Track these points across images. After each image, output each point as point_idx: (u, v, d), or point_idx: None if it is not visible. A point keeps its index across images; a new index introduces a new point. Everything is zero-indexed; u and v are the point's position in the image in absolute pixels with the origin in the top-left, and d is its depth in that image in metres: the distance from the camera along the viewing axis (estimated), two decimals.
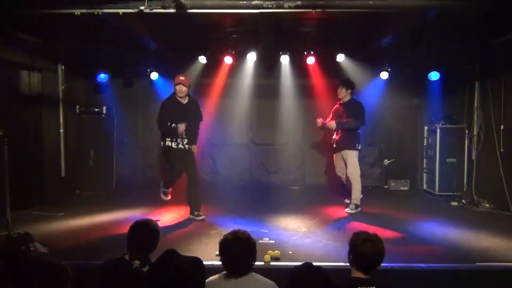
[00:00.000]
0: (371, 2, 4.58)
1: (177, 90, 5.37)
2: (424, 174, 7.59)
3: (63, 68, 6.73)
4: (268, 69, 7.58)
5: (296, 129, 7.96)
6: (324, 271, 2.19)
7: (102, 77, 7.14)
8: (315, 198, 6.71)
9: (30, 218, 5.41)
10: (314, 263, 2.26)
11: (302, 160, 8.08)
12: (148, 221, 2.69)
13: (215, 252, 3.59)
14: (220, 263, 2.36)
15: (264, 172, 8.08)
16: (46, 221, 5.26)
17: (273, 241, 4.43)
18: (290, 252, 4.09)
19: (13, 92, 5.76)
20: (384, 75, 6.97)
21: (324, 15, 5.12)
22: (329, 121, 5.98)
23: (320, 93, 7.56)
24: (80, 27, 5.60)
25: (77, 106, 7.15)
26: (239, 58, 7.12)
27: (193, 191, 5.50)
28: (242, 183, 7.93)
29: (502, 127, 6.05)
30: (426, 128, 7.56)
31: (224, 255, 2.34)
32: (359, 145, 5.93)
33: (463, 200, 6.50)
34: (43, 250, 2.99)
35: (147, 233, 2.60)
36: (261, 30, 5.98)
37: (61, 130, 6.75)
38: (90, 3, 4.65)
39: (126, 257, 2.52)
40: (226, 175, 7.96)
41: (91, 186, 7.16)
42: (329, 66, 7.16)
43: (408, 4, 4.72)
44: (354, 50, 6.95)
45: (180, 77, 5.38)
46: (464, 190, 6.91)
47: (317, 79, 7.46)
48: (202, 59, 6.95)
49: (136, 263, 2.48)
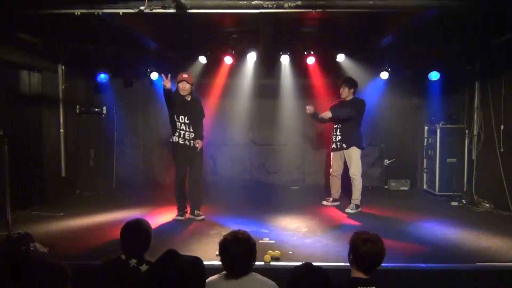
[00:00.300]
0: (371, 2, 4.58)
1: (180, 88, 5.20)
2: (424, 174, 7.58)
3: (63, 68, 6.73)
4: (268, 69, 7.57)
5: (296, 129, 7.96)
6: (324, 271, 2.20)
7: (102, 77, 7.14)
8: (315, 198, 6.70)
9: (30, 218, 5.41)
10: (314, 263, 2.27)
11: (302, 160, 8.08)
12: (139, 221, 2.68)
13: (215, 252, 3.59)
14: (220, 263, 2.36)
15: (264, 172, 8.08)
16: (46, 221, 5.26)
17: (273, 241, 4.43)
18: (290, 252, 4.09)
19: (13, 92, 5.75)
20: (384, 75, 6.96)
21: (324, 15, 5.13)
22: (325, 112, 5.95)
23: (320, 93, 7.55)
24: (80, 27, 5.60)
25: (77, 106, 7.15)
26: (239, 58, 7.11)
27: (194, 190, 5.48)
28: (242, 183, 7.93)
29: (502, 127, 6.05)
30: (426, 128, 7.55)
31: (224, 256, 2.35)
32: (364, 144, 6.02)
33: (463, 200, 6.49)
34: (43, 250, 2.99)
35: (139, 233, 2.59)
36: (261, 30, 5.98)
37: (61, 130, 6.75)
38: (90, 3, 4.65)
39: (123, 257, 2.52)
40: (226, 175, 7.96)
41: (91, 186, 7.16)
42: (329, 66, 7.15)
43: (408, 4, 4.72)
44: (354, 50, 6.95)
45: (184, 75, 5.23)
46: (464, 190, 6.91)
47: (317, 79, 7.45)
48: (202, 59, 6.95)
49: (133, 262, 2.49)
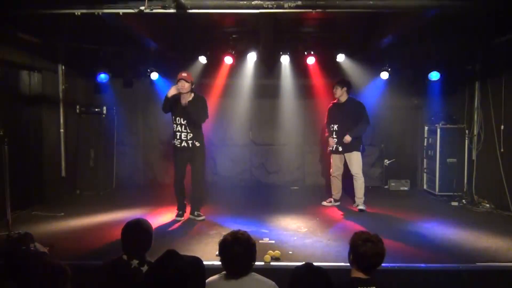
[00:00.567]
0: (371, 2, 4.58)
1: (179, 87, 5.16)
2: (425, 174, 7.58)
3: (63, 68, 6.72)
4: (268, 69, 7.58)
5: (296, 129, 7.95)
6: (325, 271, 2.20)
7: (102, 77, 7.14)
8: (315, 198, 6.70)
9: (30, 218, 5.40)
10: (315, 263, 2.27)
11: (302, 160, 8.08)
12: (139, 221, 2.67)
13: (215, 252, 3.59)
14: (220, 263, 2.36)
15: (264, 172, 8.07)
16: (46, 221, 5.26)
17: (273, 241, 4.43)
18: (290, 252, 4.09)
19: (13, 92, 5.75)
20: (384, 75, 6.96)
21: (324, 15, 5.13)
22: (345, 137, 5.86)
23: (320, 93, 7.55)
24: (80, 27, 5.61)
25: (77, 106, 7.14)
26: (239, 58, 7.11)
27: (196, 191, 5.47)
28: (242, 183, 7.93)
29: (503, 127, 6.04)
30: (426, 128, 7.55)
31: (224, 256, 2.34)
32: (363, 146, 6.02)
33: (464, 200, 6.49)
34: (43, 250, 2.99)
35: (140, 233, 2.59)
36: (261, 30, 5.98)
37: (61, 130, 6.75)
38: (90, 3, 4.65)
39: (124, 257, 2.52)
40: (226, 175, 7.96)
41: (91, 186, 7.16)
42: (329, 66, 7.15)
43: (408, 4, 4.72)
44: (354, 50, 6.95)
45: (182, 73, 5.20)
46: (465, 190, 6.90)
47: (317, 79, 7.45)
48: (202, 59, 6.95)
49: (135, 263, 2.49)
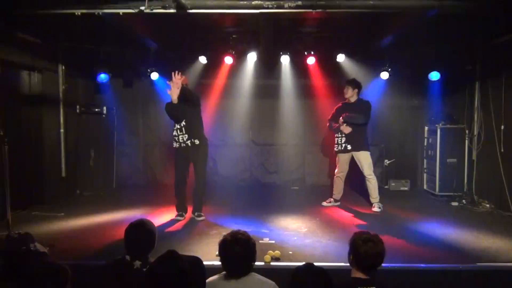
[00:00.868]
0: (371, 2, 4.58)
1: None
2: (425, 174, 7.58)
3: (63, 68, 6.71)
4: (269, 69, 7.57)
5: (296, 129, 7.96)
6: (325, 272, 2.20)
7: (102, 77, 7.14)
8: (315, 198, 6.69)
9: (30, 218, 5.40)
10: (315, 263, 2.27)
11: (302, 160, 8.08)
12: (142, 222, 2.65)
13: (215, 252, 3.58)
14: (220, 263, 2.36)
15: (264, 172, 8.07)
16: (46, 221, 5.25)
17: (274, 242, 4.43)
18: (291, 253, 4.09)
19: (13, 92, 5.74)
20: (385, 75, 6.95)
21: (324, 15, 5.12)
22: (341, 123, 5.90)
23: (321, 93, 7.56)
24: (80, 27, 5.61)
25: (77, 106, 7.14)
26: (240, 58, 7.12)
27: (197, 191, 5.50)
28: (242, 183, 7.93)
29: (503, 127, 6.04)
30: (427, 128, 7.55)
31: (224, 256, 2.34)
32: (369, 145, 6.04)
33: (464, 200, 6.48)
34: (43, 250, 2.98)
35: (143, 234, 2.58)
36: (261, 30, 5.98)
37: (61, 130, 6.74)
38: (90, 3, 4.65)
39: (127, 258, 2.52)
40: (226, 175, 7.96)
41: (91, 186, 7.16)
42: (329, 66, 7.16)
43: (408, 4, 4.72)
44: (354, 50, 6.95)
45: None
46: (465, 190, 6.90)
47: (318, 79, 7.45)
48: (202, 59, 6.95)
49: (137, 264, 2.48)
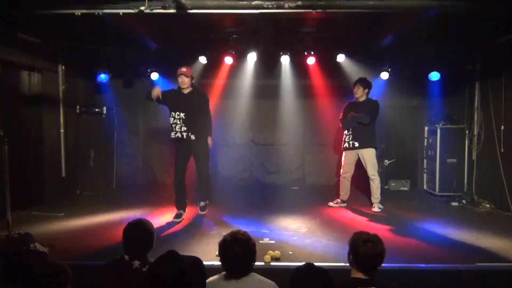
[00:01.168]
0: (371, 2, 4.58)
1: (179, 82, 5.34)
2: (425, 175, 7.58)
3: (63, 68, 6.72)
4: (268, 70, 7.58)
5: (296, 129, 7.96)
6: (325, 272, 2.20)
7: (102, 77, 7.14)
8: (315, 199, 6.69)
9: (30, 218, 5.40)
10: (315, 263, 2.27)
11: (302, 161, 8.08)
12: (141, 221, 2.65)
13: (215, 252, 3.59)
14: (220, 264, 2.36)
15: (264, 172, 8.07)
16: (46, 221, 5.25)
17: (273, 242, 4.43)
18: (291, 253, 4.08)
19: (13, 92, 5.74)
20: (385, 75, 6.96)
21: (324, 15, 5.12)
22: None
23: (321, 94, 7.56)
24: (80, 27, 5.61)
25: (77, 106, 7.14)
26: (240, 59, 7.12)
27: (200, 183, 5.58)
28: (242, 183, 7.93)
29: (503, 127, 6.04)
30: (427, 128, 7.55)
31: (224, 256, 2.34)
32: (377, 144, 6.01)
33: (464, 201, 6.48)
34: (43, 250, 2.98)
35: (142, 234, 2.57)
36: (261, 31, 5.98)
37: (61, 130, 6.74)
38: (90, 3, 4.65)
39: (126, 258, 2.52)
40: (226, 175, 7.96)
41: (91, 186, 7.16)
42: (329, 66, 7.16)
43: (408, 4, 4.72)
44: (354, 50, 6.95)
45: (182, 69, 5.33)
46: (465, 191, 6.90)
47: (318, 80, 7.45)
48: (202, 59, 6.95)
49: (136, 263, 2.48)
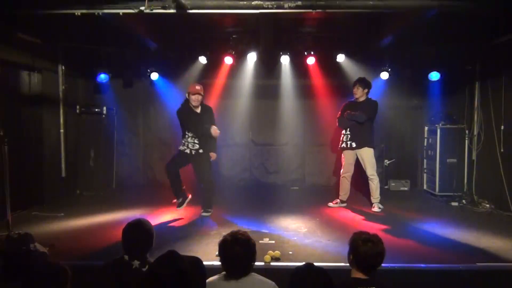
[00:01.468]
0: (371, 2, 4.58)
1: (193, 99, 5.39)
2: (424, 174, 7.58)
3: (63, 68, 6.72)
4: (268, 69, 7.57)
5: (296, 129, 7.95)
6: (325, 272, 2.20)
7: (102, 77, 7.15)
8: (315, 199, 6.69)
9: (30, 218, 5.40)
10: (315, 263, 2.27)
11: (302, 160, 8.08)
12: (140, 221, 2.64)
13: (215, 252, 3.58)
14: (220, 264, 2.36)
15: (264, 172, 8.07)
16: (46, 221, 5.25)
17: (273, 242, 4.43)
18: (290, 253, 4.09)
19: (13, 92, 5.74)
20: (384, 75, 6.96)
21: (324, 15, 5.13)
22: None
23: (320, 93, 7.56)
24: (80, 27, 5.61)
25: (77, 106, 7.15)
26: (239, 58, 7.12)
27: (205, 191, 5.65)
28: (242, 183, 7.93)
29: (503, 127, 6.04)
30: (426, 128, 7.55)
31: (224, 256, 2.34)
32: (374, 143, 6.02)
33: (464, 200, 6.48)
34: (43, 250, 2.98)
35: (141, 234, 2.57)
36: (261, 30, 5.99)
37: (61, 130, 6.74)
38: (90, 3, 4.66)
39: (126, 258, 2.52)
40: (226, 175, 7.96)
41: (91, 186, 7.16)
42: (329, 66, 7.15)
43: (408, 4, 4.72)
44: (354, 50, 6.95)
45: (197, 87, 5.42)
46: (465, 190, 6.90)
47: (317, 79, 7.45)
48: (202, 59, 6.95)
49: (136, 263, 2.48)
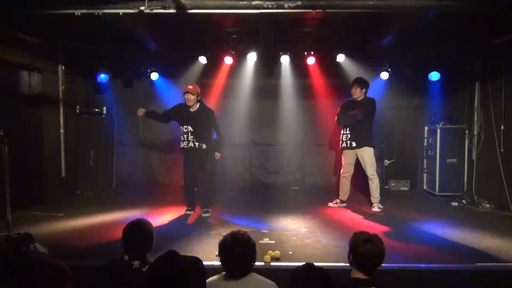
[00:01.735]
0: (371, 2, 4.58)
1: (185, 99, 5.46)
2: (425, 175, 7.58)
3: (63, 68, 6.72)
4: (268, 69, 7.57)
5: (296, 129, 7.95)
6: (325, 271, 2.20)
7: (102, 77, 7.15)
8: (315, 199, 6.70)
9: (30, 218, 5.40)
10: (315, 263, 2.27)
11: (302, 161, 8.08)
12: (140, 221, 2.64)
13: (215, 252, 3.58)
14: (220, 264, 2.36)
15: (264, 172, 8.07)
16: (46, 221, 5.26)
17: (273, 242, 4.43)
18: (290, 253, 4.09)
19: (13, 92, 5.74)
20: (384, 75, 6.96)
21: (324, 15, 5.12)
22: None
23: (320, 93, 7.56)
24: (80, 27, 5.60)
25: (77, 106, 7.15)
26: (239, 58, 7.11)
27: (203, 190, 5.68)
28: (242, 183, 7.93)
29: (503, 127, 6.04)
30: (427, 128, 7.55)
31: (224, 257, 2.34)
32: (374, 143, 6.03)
33: (463, 201, 6.48)
34: (43, 250, 2.99)
35: (141, 234, 2.57)
36: (261, 31, 5.98)
37: (61, 130, 6.75)
38: (90, 3, 4.65)
39: (126, 258, 2.52)
40: (226, 175, 7.95)
41: (91, 186, 7.15)
42: (329, 66, 7.15)
43: (408, 4, 4.72)
44: (354, 50, 6.94)
45: (189, 86, 5.47)
46: (465, 190, 6.90)
47: (317, 79, 7.45)
48: (202, 59, 6.94)
49: (136, 264, 2.48)
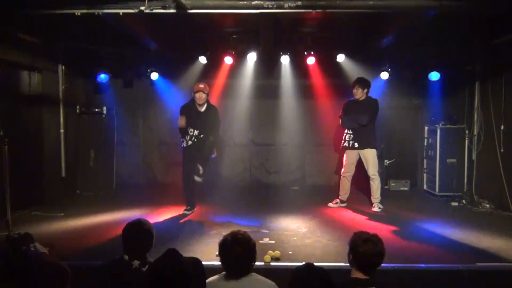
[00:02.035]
0: (371, 2, 4.58)
1: (197, 98, 5.50)
2: (425, 174, 7.58)
3: (63, 68, 6.72)
4: (268, 69, 7.56)
5: (296, 129, 7.94)
6: (325, 271, 2.20)
7: (102, 77, 7.14)
8: (315, 199, 6.70)
9: (30, 218, 5.40)
10: (315, 263, 2.27)
11: (302, 161, 8.08)
12: (140, 221, 2.64)
13: (215, 252, 3.58)
14: (220, 264, 2.36)
15: (264, 172, 8.07)
16: (46, 221, 5.26)
17: (273, 242, 4.43)
18: (290, 253, 4.09)
19: (13, 92, 5.75)
20: (384, 75, 6.96)
21: (324, 15, 5.12)
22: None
23: (320, 93, 7.56)
24: (80, 27, 5.60)
25: (77, 106, 7.15)
26: (239, 58, 7.11)
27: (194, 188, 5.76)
28: (242, 183, 7.93)
29: (503, 127, 6.04)
30: (427, 128, 7.55)
31: (224, 257, 2.34)
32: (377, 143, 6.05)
33: (463, 200, 6.48)
34: (43, 250, 2.98)
35: (141, 234, 2.57)
36: (261, 31, 5.98)
37: (61, 130, 6.75)
38: (90, 3, 4.65)
39: (126, 258, 2.52)
40: (226, 175, 7.95)
41: (91, 186, 7.15)
42: (329, 66, 7.15)
43: (408, 4, 4.72)
44: (354, 50, 6.94)
45: (200, 85, 5.53)
46: (465, 190, 6.90)
47: (317, 79, 7.44)
48: (202, 59, 6.94)
49: (136, 263, 2.48)
